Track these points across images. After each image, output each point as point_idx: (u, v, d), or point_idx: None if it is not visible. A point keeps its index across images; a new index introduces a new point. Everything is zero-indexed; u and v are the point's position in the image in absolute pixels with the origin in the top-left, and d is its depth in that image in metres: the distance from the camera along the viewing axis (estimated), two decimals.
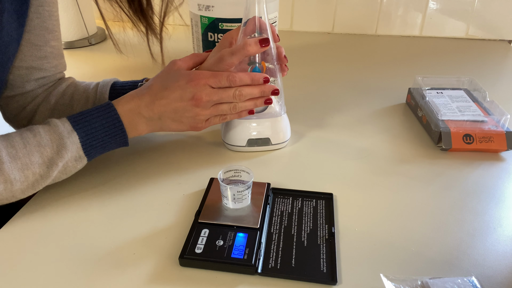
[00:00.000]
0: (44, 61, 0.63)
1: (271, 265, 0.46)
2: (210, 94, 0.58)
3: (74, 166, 0.54)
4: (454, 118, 0.69)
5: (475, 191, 0.59)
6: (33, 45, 0.61)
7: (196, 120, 0.60)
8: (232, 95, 0.59)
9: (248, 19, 0.61)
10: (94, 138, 0.55)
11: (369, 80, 0.94)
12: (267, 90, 0.61)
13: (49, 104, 0.66)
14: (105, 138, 0.55)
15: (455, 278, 0.43)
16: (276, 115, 0.66)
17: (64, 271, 0.46)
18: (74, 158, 0.53)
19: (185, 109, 0.58)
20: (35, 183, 0.52)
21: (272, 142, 0.67)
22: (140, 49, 0.70)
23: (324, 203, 0.56)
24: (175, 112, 0.58)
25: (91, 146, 0.55)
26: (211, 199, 0.55)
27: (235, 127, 0.66)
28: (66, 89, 0.67)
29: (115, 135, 0.56)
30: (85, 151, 0.54)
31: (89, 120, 0.55)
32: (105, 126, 0.55)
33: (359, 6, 1.19)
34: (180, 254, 0.47)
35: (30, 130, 0.52)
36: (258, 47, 0.59)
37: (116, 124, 0.56)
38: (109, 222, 0.53)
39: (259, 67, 0.62)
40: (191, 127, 0.61)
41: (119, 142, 0.57)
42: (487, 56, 1.08)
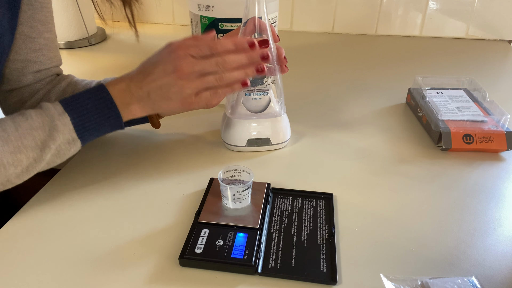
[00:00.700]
0: (39, 53, 0.63)
1: (271, 265, 0.46)
2: (192, 64, 0.55)
3: (67, 149, 0.53)
4: (454, 118, 0.69)
5: (475, 191, 0.59)
6: (27, 37, 0.61)
7: (184, 95, 0.56)
8: (215, 63, 0.56)
9: (247, 19, 0.61)
10: (86, 119, 0.53)
11: (369, 80, 0.94)
12: (255, 56, 0.57)
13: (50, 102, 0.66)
14: (98, 119, 0.54)
15: (455, 278, 0.43)
16: (276, 115, 0.66)
17: (64, 271, 0.46)
18: (67, 140, 0.52)
19: (170, 84, 0.55)
20: (29, 167, 0.51)
21: (272, 142, 0.67)
22: (140, 49, 0.70)
23: (324, 203, 0.56)
24: (161, 88, 0.56)
25: (84, 128, 0.53)
26: (211, 199, 0.55)
27: (235, 127, 0.66)
28: (66, 88, 0.67)
29: (109, 116, 0.55)
30: (78, 133, 0.53)
31: (81, 101, 0.53)
32: (97, 107, 0.54)
33: (359, 6, 1.19)
34: (180, 254, 0.47)
35: (21, 114, 0.52)
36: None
37: (108, 105, 0.54)
38: (109, 222, 0.53)
39: None
40: (181, 104, 0.57)
41: (113, 124, 0.56)
42: (487, 56, 1.08)
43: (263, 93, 0.65)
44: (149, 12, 1.32)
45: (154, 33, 1.26)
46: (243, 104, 0.65)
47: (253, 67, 0.58)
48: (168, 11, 1.30)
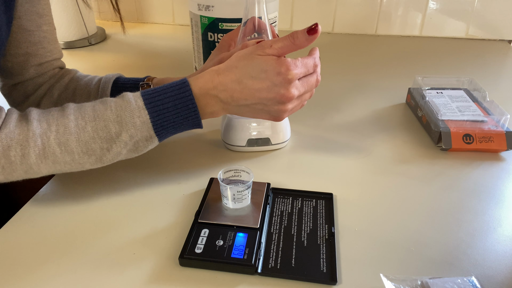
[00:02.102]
0: (38, 46, 0.64)
1: (271, 265, 0.46)
2: (300, 88, 0.54)
3: (145, 146, 0.53)
4: (454, 118, 0.69)
5: (475, 191, 0.59)
6: (26, 30, 0.61)
7: (280, 114, 0.55)
8: (314, 82, 0.56)
9: (247, 19, 0.61)
10: (165, 118, 0.52)
11: (369, 80, 0.94)
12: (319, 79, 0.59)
13: (52, 97, 0.67)
14: (177, 119, 0.53)
15: (455, 278, 0.43)
16: None
17: (64, 271, 0.46)
18: (144, 137, 0.52)
19: (271, 103, 0.53)
20: (102, 157, 0.51)
21: (272, 142, 0.67)
22: (140, 49, 0.70)
23: (324, 203, 0.56)
24: (258, 103, 0.53)
25: (162, 126, 0.52)
26: (211, 199, 0.55)
27: (235, 127, 0.66)
28: (69, 83, 0.68)
29: (188, 116, 0.53)
30: (156, 131, 0.52)
31: (162, 99, 0.52)
32: (178, 107, 0.52)
33: (359, 6, 1.19)
34: (180, 254, 0.47)
35: (102, 102, 0.52)
36: None
37: (189, 106, 0.52)
38: (109, 222, 0.53)
39: None
40: (272, 118, 0.56)
41: (191, 124, 0.54)
42: (487, 56, 1.08)
43: None
44: (149, 12, 1.32)
45: (154, 33, 1.26)
46: None
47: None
48: (168, 11, 1.30)
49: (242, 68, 0.53)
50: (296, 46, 0.53)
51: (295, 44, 0.53)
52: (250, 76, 0.52)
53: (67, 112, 0.50)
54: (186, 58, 1.05)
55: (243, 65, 0.53)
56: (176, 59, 1.06)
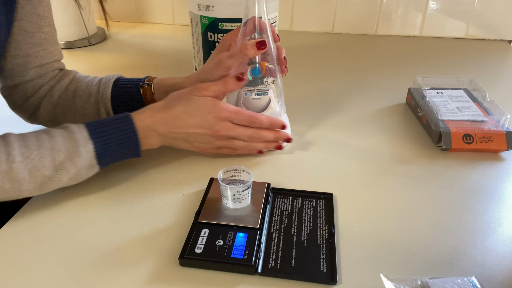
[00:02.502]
0: (39, 48, 0.64)
1: (271, 265, 0.46)
2: (229, 129, 0.60)
3: (85, 174, 0.55)
4: (454, 118, 0.69)
5: (475, 191, 0.59)
6: (27, 32, 0.61)
7: (208, 147, 0.62)
8: (248, 135, 0.61)
9: (247, 19, 0.61)
10: (108, 149, 0.55)
11: (369, 80, 0.94)
12: (282, 137, 0.64)
13: (53, 99, 0.67)
14: (119, 149, 0.56)
15: (455, 278, 0.43)
16: (276, 115, 0.66)
17: (64, 271, 0.46)
18: (86, 166, 0.54)
19: (201, 137, 0.60)
20: (42, 185, 0.52)
21: None
22: (140, 49, 0.70)
23: (324, 203, 0.56)
24: (190, 136, 0.59)
25: (105, 155, 0.55)
26: (211, 199, 0.55)
27: None
28: (69, 85, 0.68)
29: (129, 146, 0.57)
30: (98, 160, 0.55)
31: (107, 130, 0.55)
32: (120, 137, 0.56)
33: (359, 6, 1.19)
34: (180, 254, 0.47)
35: (46, 132, 0.53)
36: (255, 50, 0.59)
37: (131, 137, 0.56)
38: (109, 222, 0.53)
39: (259, 67, 0.62)
40: (200, 150, 0.62)
41: (131, 153, 0.58)
42: (487, 56, 1.08)
43: (263, 93, 0.64)
44: (149, 12, 1.32)
45: (154, 33, 1.26)
46: (243, 104, 0.65)
47: (275, 144, 0.65)
48: (168, 11, 1.30)
49: (180, 106, 0.59)
50: (228, 90, 0.61)
51: (227, 88, 0.61)
52: (186, 113, 0.58)
53: (9, 141, 0.51)
54: (186, 58, 1.05)
55: (181, 103, 0.59)
56: (176, 59, 1.06)
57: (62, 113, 0.68)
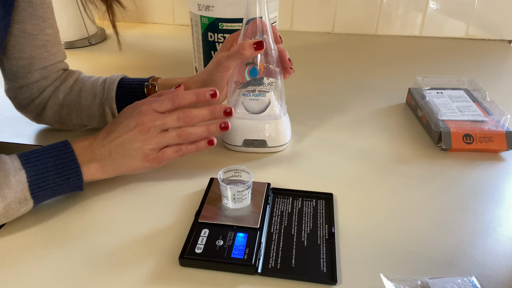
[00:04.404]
0: (42, 50, 0.64)
1: (271, 265, 0.46)
2: (153, 119, 0.54)
3: (17, 209, 0.49)
4: (454, 118, 0.69)
5: (475, 191, 0.59)
6: (29, 34, 0.61)
7: (145, 151, 0.54)
8: (176, 118, 0.54)
9: (248, 20, 0.60)
10: (44, 179, 0.50)
11: (369, 80, 0.94)
12: (218, 111, 0.56)
13: (58, 99, 0.67)
14: (57, 180, 0.51)
15: (455, 278, 0.43)
16: (276, 117, 0.65)
17: (64, 271, 0.46)
18: (18, 199, 0.49)
19: (131, 139, 0.53)
20: None
21: (268, 145, 0.66)
22: (140, 49, 0.70)
23: (324, 203, 0.56)
24: (122, 145, 0.54)
25: (40, 187, 0.50)
26: (211, 199, 0.55)
27: (232, 127, 0.65)
28: (73, 85, 0.68)
29: (69, 177, 0.52)
30: (32, 192, 0.49)
31: (42, 159, 0.50)
32: (59, 166, 0.51)
33: (359, 6, 1.19)
34: (180, 254, 0.47)
35: None
36: (252, 51, 0.58)
37: (71, 165, 0.52)
38: (109, 222, 0.53)
39: (257, 68, 0.62)
40: (143, 160, 0.54)
41: (73, 186, 0.53)
42: (487, 56, 1.08)
43: (262, 94, 0.64)
44: (149, 12, 1.31)
45: (154, 33, 1.26)
46: (242, 104, 0.65)
47: (216, 124, 0.56)
48: (168, 11, 1.30)
49: (112, 120, 0.57)
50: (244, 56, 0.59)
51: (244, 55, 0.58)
52: (114, 122, 0.56)
53: None
54: (186, 58, 1.05)
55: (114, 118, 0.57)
56: (176, 59, 1.06)
57: (68, 113, 0.68)
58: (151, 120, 0.54)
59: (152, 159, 0.55)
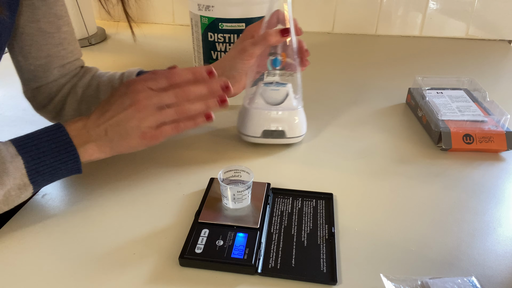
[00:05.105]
0: (60, 48, 0.64)
1: (271, 265, 0.46)
2: (149, 96, 0.53)
3: (17, 195, 0.49)
4: (454, 118, 0.69)
5: (475, 191, 0.59)
6: (46, 33, 0.61)
7: (142, 129, 0.53)
8: (173, 95, 0.53)
9: (271, 12, 0.62)
10: (41, 163, 0.49)
11: (369, 80, 0.94)
12: (215, 86, 0.55)
13: (77, 96, 0.67)
14: (55, 163, 0.50)
15: (455, 278, 0.43)
16: (293, 108, 0.66)
17: (64, 271, 0.46)
18: (17, 185, 0.48)
19: (127, 117, 0.52)
20: None
21: (287, 135, 0.67)
22: (140, 49, 0.70)
23: (324, 203, 0.56)
24: (119, 124, 0.52)
25: (38, 172, 0.49)
26: (211, 199, 0.55)
27: (251, 117, 0.66)
28: (91, 81, 0.68)
29: (66, 160, 0.51)
30: (31, 177, 0.49)
31: (37, 143, 0.50)
32: (54, 150, 0.50)
33: (359, 6, 1.19)
34: (180, 254, 0.47)
35: None
36: (279, 37, 0.60)
37: (67, 148, 0.51)
38: (109, 222, 0.53)
39: (280, 58, 0.64)
40: (140, 139, 0.53)
41: (71, 169, 0.52)
42: (487, 56, 1.08)
43: (282, 85, 0.66)
44: (149, 12, 1.31)
45: (154, 33, 1.25)
46: (261, 95, 0.66)
47: (214, 98, 0.55)
48: (168, 11, 1.30)
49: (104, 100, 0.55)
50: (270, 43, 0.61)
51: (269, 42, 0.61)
52: (107, 101, 0.54)
53: None
54: (186, 58, 1.05)
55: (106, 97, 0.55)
56: (176, 59, 1.06)
57: (87, 108, 0.67)
58: (146, 98, 0.52)
59: (149, 137, 0.53)
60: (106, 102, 0.54)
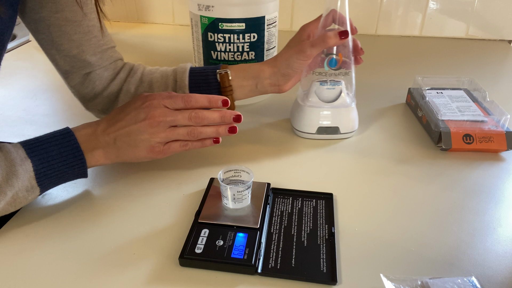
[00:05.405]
0: (90, 35, 0.63)
1: (271, 265, 0.46)
2: (164, 114, 0.55)
3: (25, 197, 0.50)
4: (454, 118, 0.69)
5: (475, 191, 0.59)
6: (72, 21, 0.61)
7: (152, 143, 0.55)
8: (188, 117, 0.55)
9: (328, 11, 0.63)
10: (49, 167, 0.51)
11: (369, 80, 0.94)
12: (228, 116, 0.57)
13: (130, 93, 0.67)
14: (62, 167, 0.52)
15: (455, 278, 0.43)
16: (347, 106, 0.69)
17: (64, 271, 0.46)
18: (25, 188, 0.50)
19: (139, 130, 0.54)
20: None
21: (341, 131, 0.69)
22: (140, 49, 0.70)
23: (324, 203, 0.56)
24: (129, 135, 0.54)
25: (46, 175, 0.51)
26: (211, 199, 0.55)
27: (306, 115, 0.69)
28: (142, 77, 0.68)
29: (74, 165, 0.53)
30: (38, 180, 0.50)
31: (46, 147, 0.51)
32: (63, 154, 0.52)
33: (359, 6, 1.19)
34: (180, 254, 0.47)
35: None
36: (337, 39, 0.61)
37: (75, 153, 0.53)
38: (109, 222, 0.53)
39: (336, 58, 0.65)
40: (148, 152, 0.56)
41: (77, 173, 0.54)
42: (487, 56, 1.08)
43: (336, 83, 0.68)
44: (149, 12, 1.32)
45: (154, 33, 1.26)
46: (315, 93, 0.68)
47: (226, 127, 0.57)
48: (168, 11, 1.30)
49: (117, 109, 0.57)
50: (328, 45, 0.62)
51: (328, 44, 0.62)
52: (121, 111, 0.56)
53: None
54: (186, 58, 1.05)
55: (119, 107, 0.58)
56: (176, 59, 1.06)
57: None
58: (161, 115, 0.55)
59: (157, 151, 0.56)
60: (119, 112, 0.56)
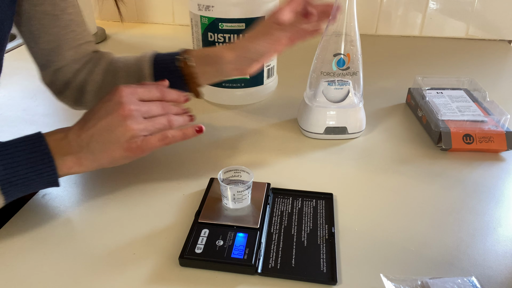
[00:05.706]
0: (67, 30, 0.63)
1: (271, 265, 0.46)
2: (137, 103, 0.51)
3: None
4: (454, 118, 0.69)
5: (475, 191, 0.59)
6: (51, 15, 0.61)
7: (126, 138, 0.50)
8: (161, 105, 0.53)
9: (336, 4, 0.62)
10: (15, 174, 0.46)
11: (369, 80, 0.94)
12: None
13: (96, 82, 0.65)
14: (30, 175, 0.47)
15: (455, 278, 0.43)
16: (354, 106, 0.69)
17: (64, 271, 0.46)
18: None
19: (112, 124, 0.49)
20: None
21: (348, 131, 0.69)
22: (140, 49, 0.70)
23: (324, 203, 0.56)
24: (101, 133, 0.49)
25: (10, 183, 0.46)
26: (211, 199, 0.55)
27: (313, 115, 0.69)
28: (109, 66, 0.66)
29: (42, 172, 0.48)
30: (3, 188, 0.46)
31: (12, 152, 0.47)
32: (30, 160, 0.47)
33: (359, 6, 1.19)
34: (180, 254, 0.47)
35: None
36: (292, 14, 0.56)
37: (44, 159, 0.48)
38: (109, 222, 0.53)
39: (344, 58, 0.65)
40: (124, 149, 0.50)
41: (47, 181, 0.49)
42: (487, 56, 1.08)
43: (344, 83, 0.68)
44: (149, 12, 1.32)
45: (154, 33, 1.26)
46: (323, 93, 0.68)
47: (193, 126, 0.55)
48: (168, 11, 1.30)
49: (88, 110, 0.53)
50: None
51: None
52: (91, 111, 0.52)
53: None
54: None
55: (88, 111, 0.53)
56: None
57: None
58: (135, 104, 0.51)
59: (134, 148, 0.50)
60: (91, 111, 0.53)
